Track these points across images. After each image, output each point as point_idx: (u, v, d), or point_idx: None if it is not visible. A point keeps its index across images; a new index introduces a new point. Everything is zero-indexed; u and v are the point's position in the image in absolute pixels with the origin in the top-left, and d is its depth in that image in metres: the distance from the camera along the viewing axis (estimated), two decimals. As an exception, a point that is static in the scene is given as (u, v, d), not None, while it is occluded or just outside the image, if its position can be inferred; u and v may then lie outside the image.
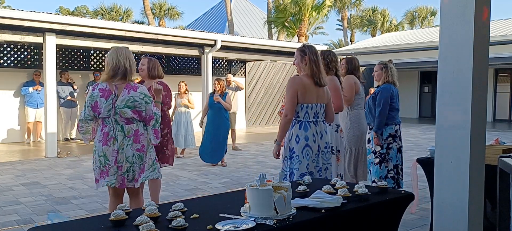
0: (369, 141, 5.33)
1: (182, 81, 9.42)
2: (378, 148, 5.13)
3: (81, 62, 12.45)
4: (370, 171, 5.28)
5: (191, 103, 9.28)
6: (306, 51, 3.86)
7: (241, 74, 15.81)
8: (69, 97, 11.44)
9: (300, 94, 3.76)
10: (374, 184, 3.10)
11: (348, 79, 5.11)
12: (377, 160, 5.15)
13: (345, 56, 21.32)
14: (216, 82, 8.56)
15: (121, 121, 3.54)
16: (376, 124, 5.07)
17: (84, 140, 3.75)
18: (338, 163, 4.57)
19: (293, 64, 4.02)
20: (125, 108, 3.50)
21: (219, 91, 8.46)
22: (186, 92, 9.31)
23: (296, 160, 3.80)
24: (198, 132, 10.92)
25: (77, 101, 11.89)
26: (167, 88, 4.71)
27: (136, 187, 3.67)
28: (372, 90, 5.86)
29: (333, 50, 26.43)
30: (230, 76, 10.79)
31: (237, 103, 10.98)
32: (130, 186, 3.63)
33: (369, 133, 5.34)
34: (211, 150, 8.31)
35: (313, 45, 4.03)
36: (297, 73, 3.98)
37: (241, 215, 2.33)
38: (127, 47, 3.73)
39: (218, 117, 8.35)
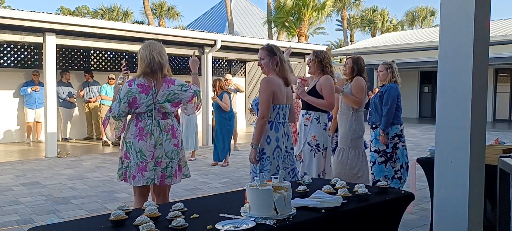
0: (370, 140, 5.33)
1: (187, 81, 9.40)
2: (383, 147, 5.13)
3: (81, 62, 12.46)
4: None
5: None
6: (275, 51, 3.80)
7: (241, 74, 15.81)
8: (68, 99, 11.45)
9: (275, 95, 3.70)
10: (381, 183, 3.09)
11: (359, 81, 5.03)
12: (382, 159, 5.15)
13: (346, 57, 21.09)
14: (213, 82, 8.72)
15: (158, 116, 3.52)
16: (384, 122, 5.07)
17: (112, 137, 3.61)
18: (325, 160, 4.56)
19: (259, 65, 3.88)
20: (166, 103, 3.50)
21: (215, 91, 8.57)
22: None
23: (267, 162, 3.71)
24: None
25: (76, 102, 11.90)
26: None
27: (173, 184, 3.64)
28: (376, 90, 5.84)
29: (333, 51, 26.38)
30: (229, 76, 10.78)
31: (237, 103, 11.00)
32: (168, 182, 3.57)
33: (371, 133, 5.34)
34: (215, 147, 8.59)
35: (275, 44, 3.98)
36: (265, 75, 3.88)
37: (241, 215, 2.33)
38: (160, 42, 3.68)
39: (218, 116, 8.55)
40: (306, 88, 4.65)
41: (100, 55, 12.73)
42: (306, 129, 4.56)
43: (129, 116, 3.59)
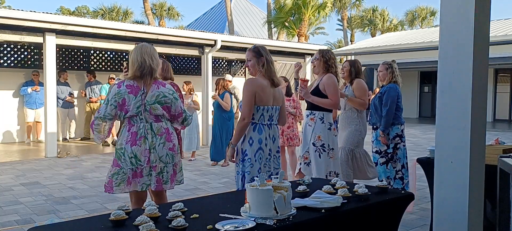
0: (372, 141, 5.35)
1: (185, 82, 9.37)
2: (384, 148, 5.15)
3: (81, 62, 12.46)
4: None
5: (196, 104, 9.19)
6: (262, 52, 3.76)
7: (241, 74, 15.81)
8: (68, 98, 11.44)
9: (258, 96, 3.66)
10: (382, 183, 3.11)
11: (361, 83, 5.11)
12: (383, 159, 5.17)
13: (345, 57, 21.15)
14: (216, 81, 8.70)
15: (150, 119, 3.42)
16: (384, 123, 5.09)
17: (97, 138, 3.54)
18: (333, 160, 4.54)
19: (246, 67, 3.88)
20: (156, 104, 3.41)
21: (217, 90, 8.55)
22: (192, 92, 9.23)
23: (248, 163, 3.69)
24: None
25: (76, 101, 11.90)
26: (178, 89, 4.71)
27: (168, 189, 3.55)
28: (377, 90, 5.85)
29: (333, 50, 26.35)
30: (229, 77, 10.76)
31: (238, 104, 11.01)
32: (165, 188, 3.48)
33: (372, 133, 5.36)
34: (214, 147, 8.55)
35: (264, 45, 3.91)
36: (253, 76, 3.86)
37: (241, 215, 2.33)
38: (152, 45, 3.61)
39: (218, 116, 8.53)
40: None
41: (100, 55, 12.73)
42: (310, 129, 4.54)
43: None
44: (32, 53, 11.51)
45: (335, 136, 4.62)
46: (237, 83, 11.93)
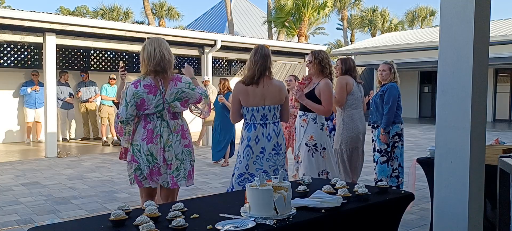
0: (373, 140, 5.35)
1: None
2: (384, 146, 5.15)
3: (81, 62, 12.46)
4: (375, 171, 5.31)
5: None
6: (252, 54, 3.81)
7: (241, 75, 15.82)
8: (67, 99, 11.43)
9: (242, 99, 3.78)
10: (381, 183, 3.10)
11: (340, 80, 5.10)
12: (384, 158, 5.18)
13: (345, 57, 21.20)
14: (220, 82, 8.69)
15: (166, 117, 3.39)
16: (385, 121, 5.10)
17: (124, 142, 3.49)
18: (324, 159, 4.53)
19: None
20: (175, 102, 3.38)
21: (222, 91, 8.53)
22: None
23: (238, 160, 3.86)
24: (196, 132, 10.92)
25: (73, 102, 11.91)
26: None
27: (189, 186, 3.55)
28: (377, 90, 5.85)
29: (333, 51, 26.35)
30: (207, 77, 10.75)
31: None
32: (181, 184, 3.46)
33: (373, 132, 5.36)
34: (214, 148, 8.54)
35: (265, 46, 3.88)
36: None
37: (241, 215, 2.33)
38: (163, 38, 3.60)
39: (220, 116, 8.49)
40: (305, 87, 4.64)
41: (100, 55, 12.73)
42: (303, 130, 4.55)
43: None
44: (32, 53, 11.50)
45: (327, 135, 4.63)
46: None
